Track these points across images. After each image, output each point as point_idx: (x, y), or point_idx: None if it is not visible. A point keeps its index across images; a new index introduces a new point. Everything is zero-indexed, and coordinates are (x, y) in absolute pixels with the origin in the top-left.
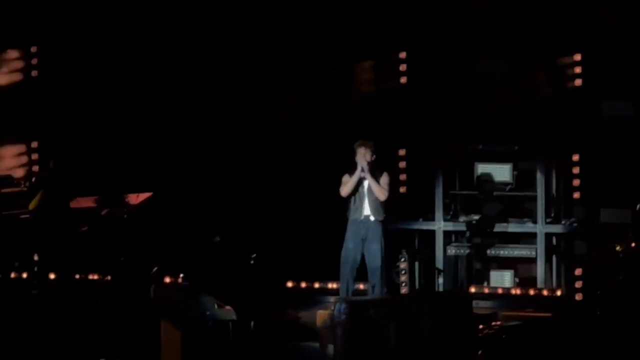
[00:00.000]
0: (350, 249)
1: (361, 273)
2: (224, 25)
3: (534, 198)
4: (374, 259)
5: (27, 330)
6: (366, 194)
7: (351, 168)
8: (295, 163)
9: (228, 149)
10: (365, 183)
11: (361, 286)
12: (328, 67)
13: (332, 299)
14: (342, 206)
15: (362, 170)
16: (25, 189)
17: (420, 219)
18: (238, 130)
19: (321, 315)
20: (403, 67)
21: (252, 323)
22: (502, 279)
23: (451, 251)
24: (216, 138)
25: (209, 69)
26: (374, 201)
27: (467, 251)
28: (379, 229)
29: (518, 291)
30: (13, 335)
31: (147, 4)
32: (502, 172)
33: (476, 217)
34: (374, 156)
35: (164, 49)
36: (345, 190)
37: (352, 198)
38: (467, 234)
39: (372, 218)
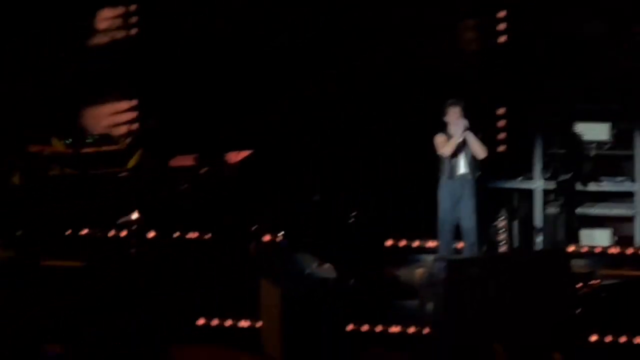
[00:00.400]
0: (448, 207)
1: (459, 231)
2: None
3: (632, 157)
4: (470, 217)
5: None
6: (462, 152)
7: (442, 128)
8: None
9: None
10: (460, 141)
11: (460, 245)
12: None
13: (430, 257)
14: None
15: (464, 129)
16: (124, 147)
17: (519, 178)
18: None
19: (419, 274)
20: (502, 26)
21: (352, 281)
22: (600, 238)
23: (549, 210)
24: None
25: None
26: (470, 159)
27: (565, 210)
28: (474, 187)
29: (616, 250)
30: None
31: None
32: (600, 131)
33: (574, 176)
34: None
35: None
36: (447, 149)
37: (447, 157)
38: (565, 192)
39: (468, 177)
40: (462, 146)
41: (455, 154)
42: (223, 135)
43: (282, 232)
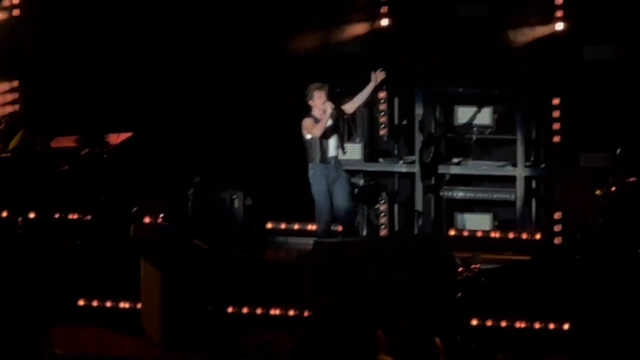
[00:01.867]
0: (324, 191)
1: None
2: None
3: (514, 141)
4: (347, 199)
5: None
6: (331, 134)
7: (308, 111)
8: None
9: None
10: (329, 124)
11: (339, 228)
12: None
13: (310, 240)
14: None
15: (331, 110)
16: (4, 128)
17: (400, 162)
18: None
19: (301, 256)
20: (385, 9)
21: (232, 263)
22: (482, 222)
23: (430, 194)
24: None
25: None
26: (338, 141)
27: (447, 194)
28: (342, 168)
29: (497, 234)
30: None
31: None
32: (482, 115)
33: (456, 160)
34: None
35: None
36: (317, 131)
37: (316, 140)
38: (447, 176)
39: (339, 158)
40: (330, 128)
41: (325, 137)
42: (104, 116)
43: (163, 214)
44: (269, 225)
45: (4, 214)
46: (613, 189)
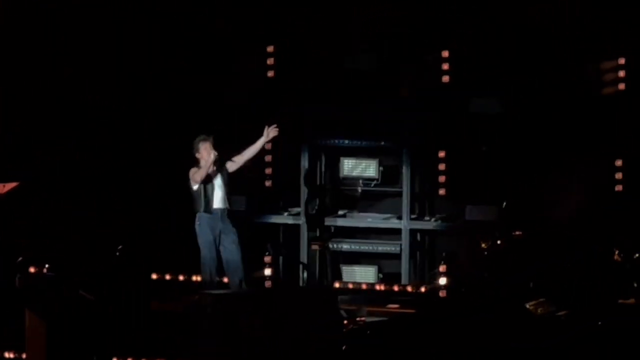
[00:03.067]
0: (209, 242)
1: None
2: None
3: (400, 194)
4: (234, 251)
5: None
6: (217, 186)
7: (195, 163)
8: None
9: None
10: (213, 170)
11: (225, 279)
12: None
13: (196, 292)
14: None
15: (215, 161)
16: None
17: (285, 213)
18: None
19: (187, 307)
20: (271, 61)
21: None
22: (367, 275)
23: (316, 246)
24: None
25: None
26: (225, 193)
27: (332, 246)
28: (230, 220)
29: (382, 287)
30: None
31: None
32: (367, 168)
33: (341, 212)
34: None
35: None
36: (199, 175)
37: (203, 191)
38: (332, 229)
39: (225, 210)
40: (215, 176)
41: (208, 182)
42: None
43: (48, 264)
44: (154, 276)
45: None
46: (498, 242)
